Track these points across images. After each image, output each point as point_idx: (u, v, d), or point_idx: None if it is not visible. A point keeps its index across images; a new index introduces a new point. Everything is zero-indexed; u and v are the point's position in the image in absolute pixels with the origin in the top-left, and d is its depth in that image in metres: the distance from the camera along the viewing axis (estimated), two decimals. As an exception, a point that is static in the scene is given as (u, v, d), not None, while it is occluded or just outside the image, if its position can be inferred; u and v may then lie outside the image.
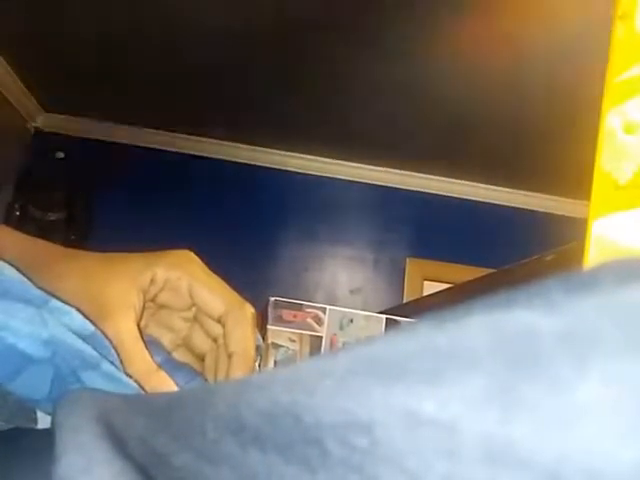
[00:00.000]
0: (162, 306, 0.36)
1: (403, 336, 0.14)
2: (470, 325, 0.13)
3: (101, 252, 0.36)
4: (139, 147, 2.77)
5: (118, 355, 0.31)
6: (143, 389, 0.31)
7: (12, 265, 0.27)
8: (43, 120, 2.77)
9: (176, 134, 2.77)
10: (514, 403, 0.11)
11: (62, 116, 2.75)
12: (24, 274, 0.29)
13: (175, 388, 0.32)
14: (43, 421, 0.28)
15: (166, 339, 0.37)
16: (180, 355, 0.38)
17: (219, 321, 0.36)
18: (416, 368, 0.13)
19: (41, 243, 0.37)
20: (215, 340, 0.37)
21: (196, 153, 2.79)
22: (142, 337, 0.32)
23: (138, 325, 0.33)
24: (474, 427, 0.11)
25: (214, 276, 0.36)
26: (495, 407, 0.11)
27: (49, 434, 0.22)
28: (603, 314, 0.11)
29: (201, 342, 0.37)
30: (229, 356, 0.35)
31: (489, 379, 0.11)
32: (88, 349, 0.27)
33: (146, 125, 2.74)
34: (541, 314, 0.12)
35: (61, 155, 2.56)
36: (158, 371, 0.32)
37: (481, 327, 0.12)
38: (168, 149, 2.79)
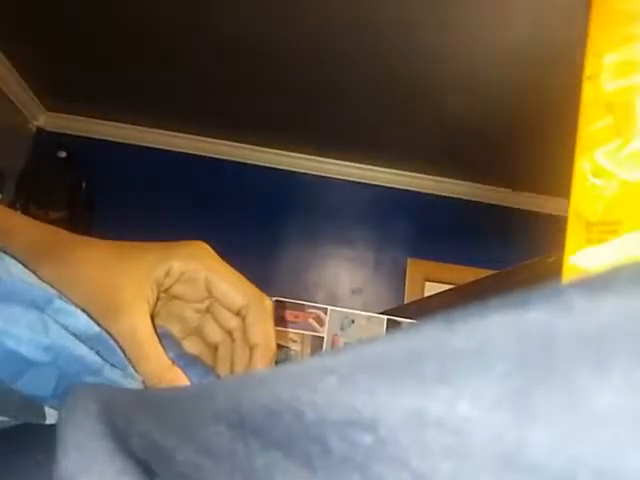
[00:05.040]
0: (174, 297, 0.36)
1: (411, 335, 0.13)
2: (483, 325, 0.12)
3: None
4: (140, 147, 2.77)
5: (128, 351, 0.30)
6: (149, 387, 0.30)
7: (16, 258, 0.27)
8: (45, 119, 2.77)
9: (177, 134, 2.77)
10: (528, 406, 0.11)
11: (64, 115, 2.75)
12: (32, 262, 0.29)
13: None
14: (51, 417, 0.28)
15: (176, 328, 0.37)
16: (190, 344, 0.37)
17: (238, 314, 0.35)
18: (424, 367, 0.12)
19: (52, 229, 0.36)
20: (230, 332, 0.36)
21: (197, 153, 2.80)
22: (156, 331, 0.32)
23: (152, 317, 0.32)
24: (483, 429, 0.11)
25: (231, 269, 0.36)
26: (507, 410, 0.11)
27: (52, 432, 0.22)
28: (623, 316, 0.11)
29: (213, 332, 0.37)
30: (251, 348, 0.35)
31: (502, 381, 0.11)
32: (90, 355, 0.27)
33: (147, 125, 2.74)
34: (558, 315, 0.11)
35: (63, 154, 2.56)
36: (172, 367, 0.32)
37: (495, 327, 0.12)
38: (169, 149, 2.79)
